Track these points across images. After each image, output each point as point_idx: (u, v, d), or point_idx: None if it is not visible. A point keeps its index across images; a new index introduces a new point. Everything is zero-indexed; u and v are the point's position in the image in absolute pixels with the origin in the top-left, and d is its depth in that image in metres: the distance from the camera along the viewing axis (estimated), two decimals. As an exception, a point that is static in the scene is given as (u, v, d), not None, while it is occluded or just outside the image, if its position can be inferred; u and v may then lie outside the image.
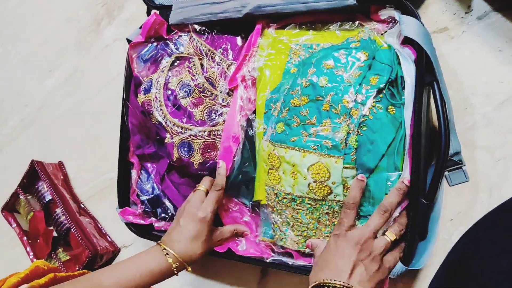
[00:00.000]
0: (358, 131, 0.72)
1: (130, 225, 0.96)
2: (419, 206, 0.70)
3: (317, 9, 0.77)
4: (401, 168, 0.71)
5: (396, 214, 0.71)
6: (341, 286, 0.64)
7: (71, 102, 1.29)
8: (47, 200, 1.21)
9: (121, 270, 0.75)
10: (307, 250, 0.79)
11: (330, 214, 0.75)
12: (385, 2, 0.74)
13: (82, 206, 1.23)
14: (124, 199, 0.99)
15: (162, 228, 0.95)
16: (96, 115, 1.24)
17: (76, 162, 1.27)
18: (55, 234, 1.20)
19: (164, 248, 0.78)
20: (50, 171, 1.24)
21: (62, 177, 1.26)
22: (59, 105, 1.31)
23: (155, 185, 0.95)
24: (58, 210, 1.18)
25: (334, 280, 0.65)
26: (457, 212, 0.79)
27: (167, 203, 0.93)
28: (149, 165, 0.97)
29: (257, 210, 0.86)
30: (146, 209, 0.96)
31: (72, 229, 1.13)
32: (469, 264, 0.71)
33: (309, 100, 0.74)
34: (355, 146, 0.71)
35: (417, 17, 0.71)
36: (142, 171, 0.98)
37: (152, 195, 0.94)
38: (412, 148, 0.70)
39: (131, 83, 0.94)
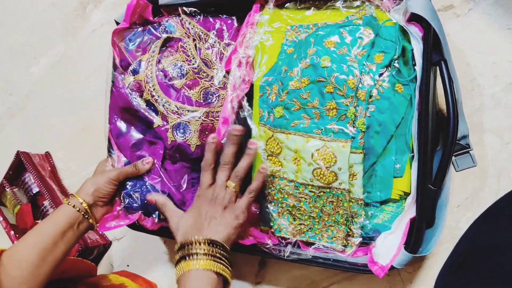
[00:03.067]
0: (365, 113, 0.68)
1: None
2: (427, 192, 0.67)
3: None
4: (412, 148, 0.69)
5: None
6: (203, 240, 0.70)
7: (59, 90, 1.24)
8: (34, 192, 1.16)
9: (36, 236, 0.76)
10: (309, 239, 0.75)
11: (335, 203, 0.71)
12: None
13: (70, 194, 1.18)
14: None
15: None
16: (85, 103, 1.19)
17: (65, 153, 1.22)
18: (43, 227, 1.16)
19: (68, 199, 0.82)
20: (37, 162, 1.19)
21: (49, 168, 1.21)
22: (46, 93, 1.26)
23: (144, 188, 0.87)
24: (46, 203, 1.13)
25: (197, 237, 0.71)
26: (465, 198, 0.76)
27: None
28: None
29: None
30: (128, 206, 0.87)
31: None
32: (478, 255, 0.68)
33: (309, 82, 0.70)
34: (363, 130, 0.68)
35: None
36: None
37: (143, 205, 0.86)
38: (419, 131, 0.67)
39: (117, 68, 0.88)
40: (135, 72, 0.85)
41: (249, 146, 0.75)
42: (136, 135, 0.88)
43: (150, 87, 0.83)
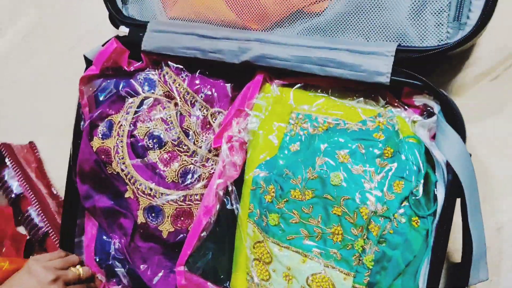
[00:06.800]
0: (375, 248, 0.60)
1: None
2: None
3: (337, 77, 0.61)
4: None
5: None
6: None
7: (33, 66, 1.06)
8: (15, 193, 0.98)
9: None
10: None
11: (325, 329, 0.65)
12: (424, 89, 0.58)
13: (62, 200, 0.98)
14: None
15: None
16: (68, 80, 1.00)
17: (45, 139, 1.04)
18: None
19: None
20: (21, 156, 1.00)
21: (35, 164, 1.02)
22: (17, 70, 1.09)
23: (112, 247, 0.79)
24: (31, 210, 0.96)
25: None
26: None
27: (122, 271, 0.79)
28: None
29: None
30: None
31: (51, 235, 0.93)
32: None
33: (314, 196, 0.61)
34: (370, 267, 0.59)
35: (458, 120, 0.57)
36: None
37: (110, 262, 0.79)
38: (431, 275, 0.59)
39: (85, 124, 0.75)
40: (104, 136, 0.73)
41: None
42: (104, 202, 0.77)
43: (119, 159, 0.71)
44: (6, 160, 0.96)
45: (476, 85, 0.69)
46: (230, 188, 0.68)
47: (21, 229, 0.98)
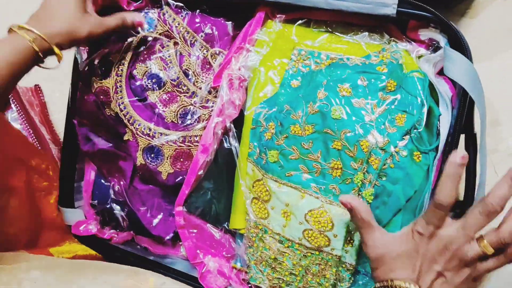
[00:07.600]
0: (376, 182, 0.59)
1: (83, 238, 0.80)
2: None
3: (342, 10, 0.59)
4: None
5: None
6: None
7: (30, 9, 1.03)
8: None
9: None
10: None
11: (322, 266, 0.64)
12: (431, 21, 0.57)
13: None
14: (67, 196, 0.80)
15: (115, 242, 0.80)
16: None
17: (47, 87, 1.00)
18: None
19: (23, 28, 0.60)
20: (26, 98, 0.98)
21: (39, 108, 1.00)
22: (14, 14, 1.02)
23: (111, 191, 0.78)
24: None
25: (409, 284, 0.51)
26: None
27: (121, 214, 0.77)
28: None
29: (231, 233, 0.74)
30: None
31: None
32: None
33: (314, 131, 0.60)
34: (369, 201, 0.59)
35: (467, 51, 0.55)
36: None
37: (109, 206, 0.78)
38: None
39: (84, 65, 0.73)
40: (103, 74, 0.71)
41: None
42: (103, 144, 0.75)
43: (118, 99, 0.70)
44: (11, 101, 0.93)
45: (489, 5, 0.67)
46: (228, 126, 0.67)
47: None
